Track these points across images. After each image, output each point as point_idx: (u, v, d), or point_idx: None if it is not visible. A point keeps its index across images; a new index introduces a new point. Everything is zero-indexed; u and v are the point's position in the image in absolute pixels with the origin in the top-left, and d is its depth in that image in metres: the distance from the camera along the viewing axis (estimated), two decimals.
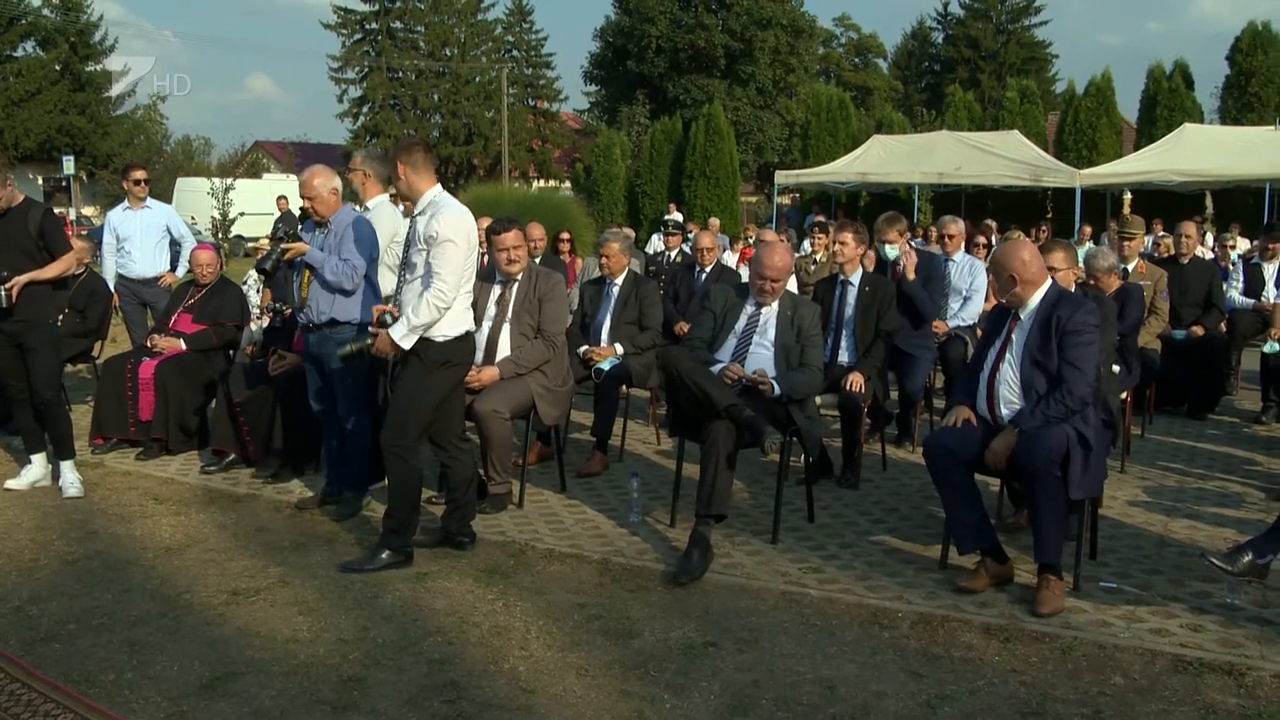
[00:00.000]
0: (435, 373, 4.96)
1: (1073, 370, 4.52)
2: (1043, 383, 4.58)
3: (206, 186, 27.46)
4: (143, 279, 8.38)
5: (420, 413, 4.97)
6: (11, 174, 6.19)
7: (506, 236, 5.98)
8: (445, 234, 4.84)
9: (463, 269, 4.93)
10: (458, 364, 5.08)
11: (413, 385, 4.99)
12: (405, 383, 5.04)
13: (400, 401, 5.03)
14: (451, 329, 4.96)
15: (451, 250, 4.84)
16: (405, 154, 5.01)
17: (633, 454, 7.11)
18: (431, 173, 5.06)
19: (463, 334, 5.04)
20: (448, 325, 4.94)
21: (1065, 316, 4.58)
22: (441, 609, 4.51)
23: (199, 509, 5.99)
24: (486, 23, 54.66)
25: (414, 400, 4.96)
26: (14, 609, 4.57)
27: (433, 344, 4.93)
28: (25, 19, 44.57)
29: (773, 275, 5.51)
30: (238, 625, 4.36)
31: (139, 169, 8.90)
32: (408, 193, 5.05)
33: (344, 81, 52.77)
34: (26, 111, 42.84)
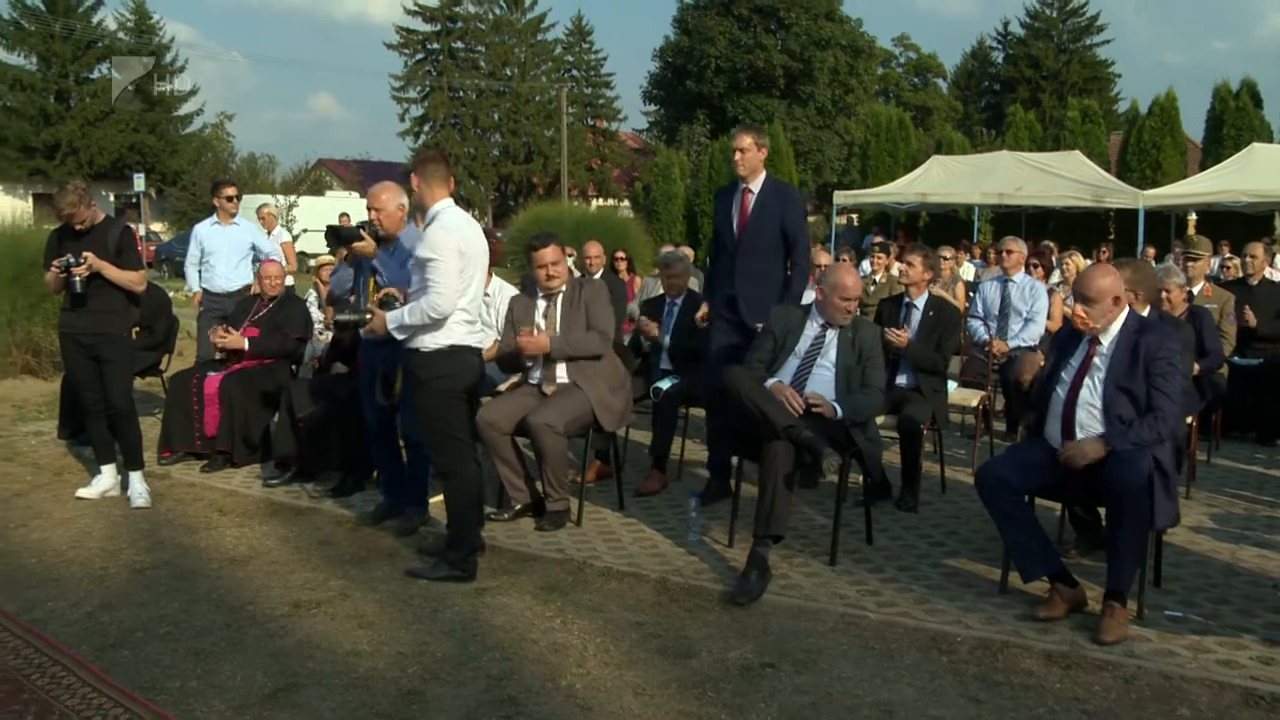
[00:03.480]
0: (430, 385, 5.03)
1: (1164, 397, 4.45)
2: (1127, 409, 4.51)
3: (271, 203, 27.95)
4: (225, 293, 8.53)
5: (444, 427, 5.05)
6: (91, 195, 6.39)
7: (545, 252, 6.03)
8: (429, 252, 4.93)
9: (457, 284, 4.97)
10: (450, 375, 5.05)
11: (421, 404, 5.09)
12: (414, 404, 5.15)
13: (421, 423, 5.13)
14: (438, 341, 5.01)
15: (439, 266, 4.91)
16: (418, 166, 5.15)
17: (691, 473, 7.11)
18: (444, 186, 5.12)
19: (450, 347, 5.03)
20: (434, 337, 5.00)
21: (1154, 344, 4.52)
22: (500, 625, 4.54)
23: (262, 521, 6.09)
24: (547, 43, 55.17)
25: (431, 417, 5.06)
26: (85, 615, 4.67)
27: (420, 355, 5.02)
28: (102, 42, 45.77)
29: (851, 296, 5.53)
30: (299, 637, 4.42)
31: (229, 185, 9.08)
32: (420, 206, 5.15)
33: (406, 100, 53.50)
34: (101, 131, 43.97)
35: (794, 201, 6.30)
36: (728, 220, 6.27)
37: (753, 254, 6.16)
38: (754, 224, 6.15)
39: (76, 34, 44.96)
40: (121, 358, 6.37)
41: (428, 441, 5.12)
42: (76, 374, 6.45)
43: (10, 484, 6.93)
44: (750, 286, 6.14)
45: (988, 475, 4.74)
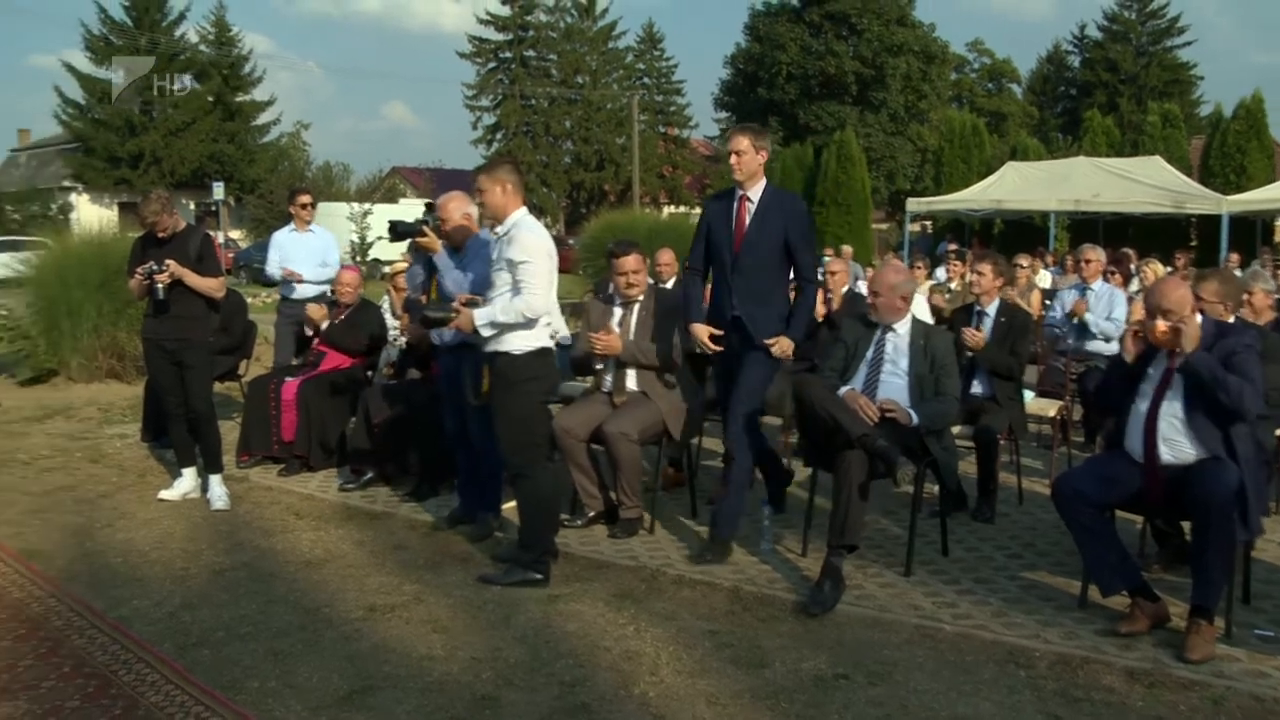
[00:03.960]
0: (519, 388, 5.08)
1: (1243, 380, 4.33)
2: (1212, 418, 4.42)
3: (346, 211, 28.41)
4: (302, 299, 8.66)
5: (522, 430, 5.10)
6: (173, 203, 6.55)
7: (626, 260, 6.06)
8: (526, 254, 5.00)
9: (548, 286, 5.10)
10: (537, 378, 5.15)
11: (503, 405, 5.13)
12: (497, 406, 5.18)
13: (501, 426, 5.16)
14: (528, 343, 5.08)
15: (532, 268, 4.99)
16: (497, 173, 5.18)
17: (764, 482, 7.07)
18: (521, 194, 5.21)
19: (539, 349, 5.13)
20: (525, 339, 5.06)
21: (1230, 342, 4.43)
22: (573, 631, 4.55)
23: (338, 525, 6.17)
24: (618, 50, 55.38)
25: (510, 420, 5.10)
26: (168, 614, 4.77)
27: (512, 358, 5.06)
28: (184, 54, 46.87)
29: (874, 289, 5.57)
30: (374, 640, 4.47)
31: (305, 194, 9.22)
32: (495, 212, 5.18)
33: (478, 109, 54.03)
34: (183, 141, 45.02)
35: (798, 213, 5.57)
36: (723, 233, 5.54)
37: (753, 271, 5.44)
38: (753, 237, 5.44)
39: (160, 47, 45.99)
40: (202, 363, 6.51)
41: (505, 443, 5.14)
42: (159, 378, 6.62)
43: (96, 485, 7.11)
44: (754, 307, 5.44)
45: (1065, 487, 4.67)
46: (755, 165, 5.45)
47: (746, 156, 5.43)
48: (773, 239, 5.43)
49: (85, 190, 46.49)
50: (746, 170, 5.44)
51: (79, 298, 11.28)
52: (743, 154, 5.42)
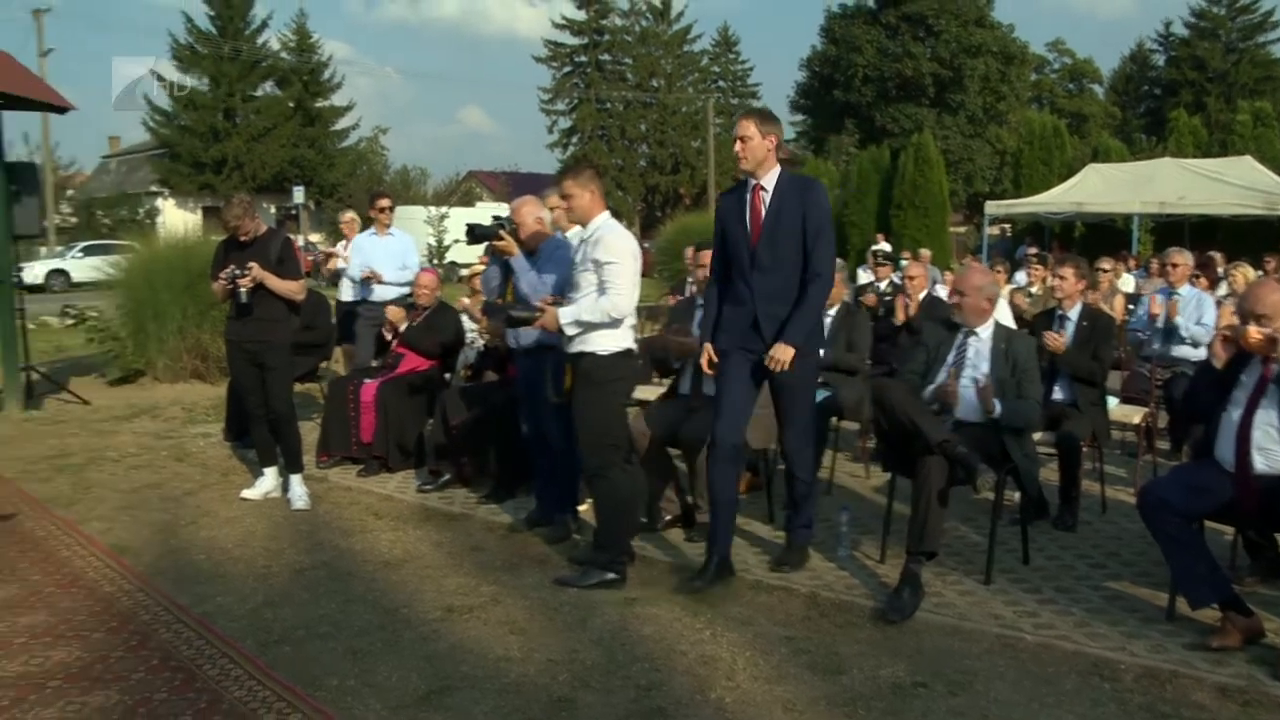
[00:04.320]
0: (604, 388, 5.10)
1: None
2: None
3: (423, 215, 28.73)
4: (381, 301, 8.75)
5: (603, 431, 5.11)
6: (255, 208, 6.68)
7: (706, 254, 6.09)
8: (612, 255, 5.03)
9: (634, 287, 5.13)
10: (623, 379, 5.20)
11: (586, 405, 5.14)
12: (579, 406, 5.18)
13: (582, 425, 5.17)
14: (614, 344, 5.10)
15: (618, 269, 5.03)
16: (583, 176, 5.23)
17: (841, 487, 7.02)
18: (604, 199, 5.27)
19: (625, 350, 5.17)
20: (611, 339, 5.09)
21: None
22: (649, 635, 4.54)
23: (416, 526, 6.23)
24: (693, 54, 55.46)
25: (592, 420, 5.12)
26: (250, 611, 4.85)
27: (597, 359, 5.08)
28: (266, 62, 47.85)
29: (960, 290, 5.49)
30: (452, 641, 4.50)
31: (384, 197, 9.34)
32: (581, 215, 5.22)
33: (554, 113, 54.43)
34: (264, 146, 45.95)
35: (816, 198, 5.07)
36: (738, 228, 5.15)
37: (773, 267, 5.03)
38: (770, 230, 5.03)
39: (243, 55, 47.07)
40: (283, 364, 6.63)
41: (585, 444, 5.17)
42: (241, 380, 6.75)
43: (181, 483, 7.26)
44: (778, 306, 5.04)
45: (1151, 496, 4.56)
46: (764, 152, 5.04)
47: (753, 143, 5.03)
48: (793, 229, 5.01)
49: (171, 195, 47.65)
50: (754, 157, 5.04)
51: (165, 300, 11.53)
52: (748, 140, 5.03)
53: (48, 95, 11.42)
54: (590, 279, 5.09)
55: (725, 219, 5.22)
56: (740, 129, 5.07)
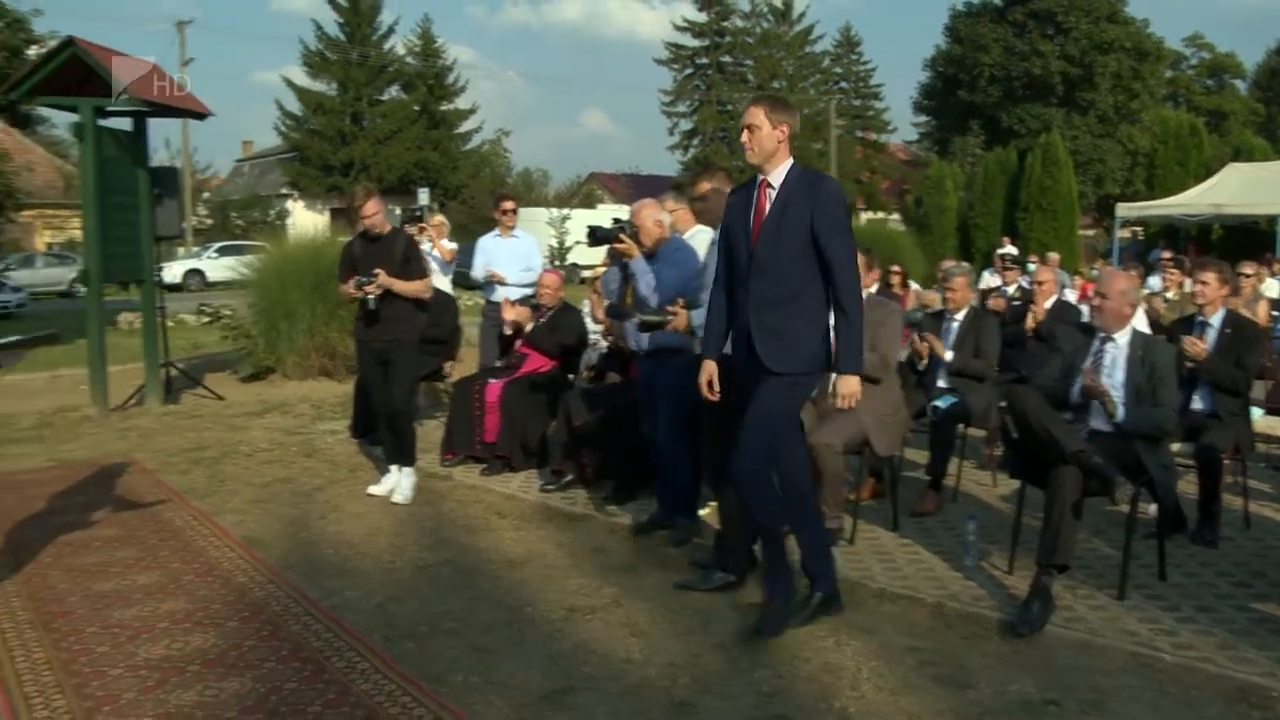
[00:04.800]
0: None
1: None
2: None
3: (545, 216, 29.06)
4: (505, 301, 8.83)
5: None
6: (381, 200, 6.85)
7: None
8: None
9: None
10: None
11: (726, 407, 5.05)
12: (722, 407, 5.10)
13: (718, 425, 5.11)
14: None
15: None
16: (714, 180, 5.21)
17: (968, 495, 6.86)
18: None
19: None
20: None
21: None
22: (772, 641, 4.49)
23: (538, 525, 6.28)
24: (815, 55, 55.01)
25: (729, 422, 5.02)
26: (376, 605, 4.94)
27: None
28: (392, 66, 48.96)
29: (1102, 294, 5.30)
30: (575, 641, 4.52)
31: (508, 199, 9.46)
32: (714, 217, 5.16)
33: (675, 115, 54.54)
34: (390, 149, 47.02)
35: (828, 195, 4.45)
36: (740, 227, 4.58)
37: (773, 271, 4.46)
38: (770, 231, 4.46)
39: (370, 60, 48.23)
40: (408, 362, 6.75)
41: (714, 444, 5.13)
42: (369, 378, 6.91)
43: (311, 478, 7.44)
44: (770, 317, 4.47)
45: None
46: (773, 143, 4.48)
47: (762, 133, 4.48)
48: (797, 231, 4.41)
49: (300, 197, 49.05)
50: (763, 149, 4.50)
51: (295, 300, 11.83)
52: (757, 129, 4.49)
53: (189, 103, 11.83)
54: None
55: (730, 217, 4.67)
56: (748, 117, 4.54)
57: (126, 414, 10.33)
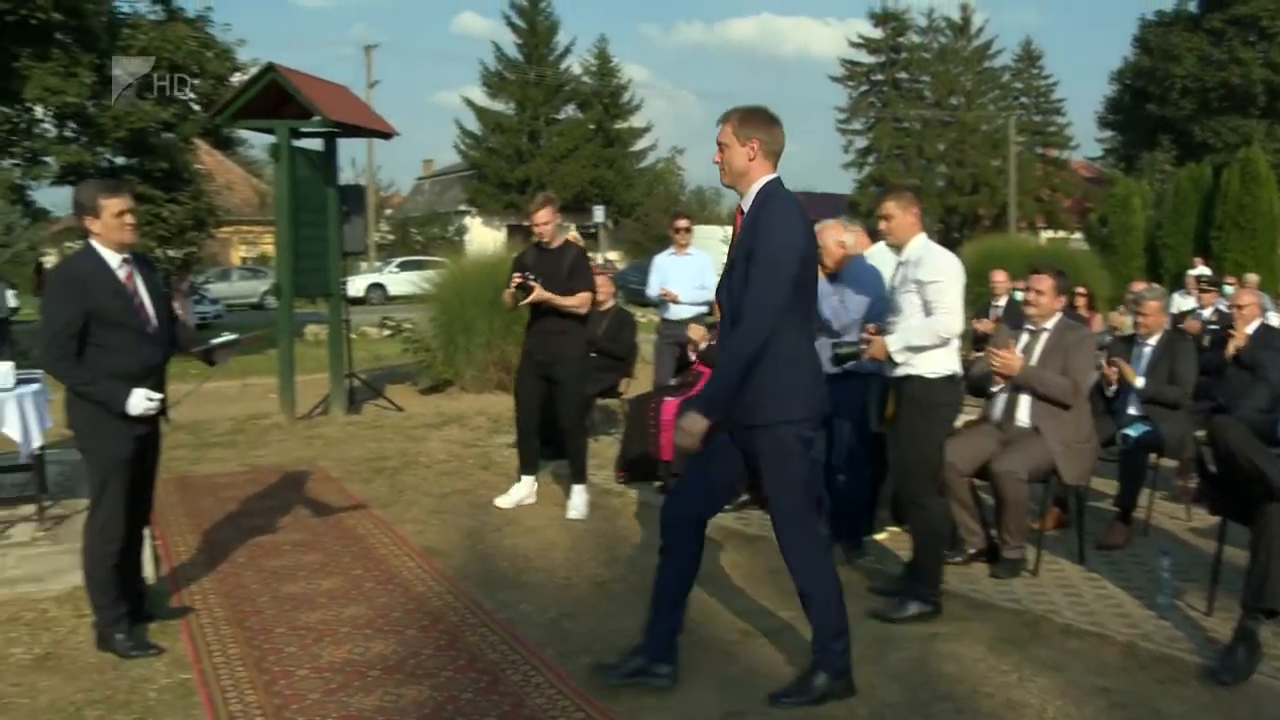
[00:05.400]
0: (930, 413, 4.95)
1: None
2: None
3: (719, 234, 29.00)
4: (680, 320, 8.85)
5: (931, 455, 4.96)
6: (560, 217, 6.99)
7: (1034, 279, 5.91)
8: (937, 274, 4.91)
9: (960, 306, 4.96)
10: (949, 404, 5.04)
11: (911, 430, 4.99)
12: (904, 430, 5.03)
13: (903, 450, 5.04)
14: (943, 367, 4.95)
15: (944, 288, 4.90)
16: (906, 197, 5.12)
17: (1159, 529, 6.52)
18: (922, 220, 5.13)
19: (951, 374, 4.99)
20: (939, 362, 4.93)
21: None
22: (952, 674, 4.36)
23: (714, 546, 6.23)
24: (994, 70, 53.63)
25: (914, 445, 4.96)
26: (551, 620, 4.99)
27: (925, 382, 4.92)
28: (568, 85, 49.93)
29: None
30: (749, 664, 4.47)
31: (683, 217, 9.50)
32: (900, 237, 5.09)
33: (850, 132, 53.86)
34: (566, 167, 47.95)
35: (766, 212, 3.99)
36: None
37: (728, 311, 4.09)
38: (730, 262, 4.12)
39: (547, 80, 49.28)
40: (573, 379, 6.81)
41: (908, 469, 5.02)
42: (520, 389, 7.04)
43: (487, 491, 7.56)
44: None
45: None
46: (743, 161, 4.05)
47: (729, 151, 4.07)
48: (743, 260, 3.99)
49: (478, 214, 50.35)
50: (732, 169, 4.09)
51: (473, 314, 12.12)
52: (725, 147, 4.08)
53: (376, 123, 12.29)
54: (913, 301, 4.97)
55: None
56: (718, 134, 4.13)
57: (312, 422, 10.74)
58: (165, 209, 18.12)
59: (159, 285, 4.88)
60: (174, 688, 4.28)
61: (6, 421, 5.91)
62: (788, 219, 3.95)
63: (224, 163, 40.63)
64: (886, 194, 5.27)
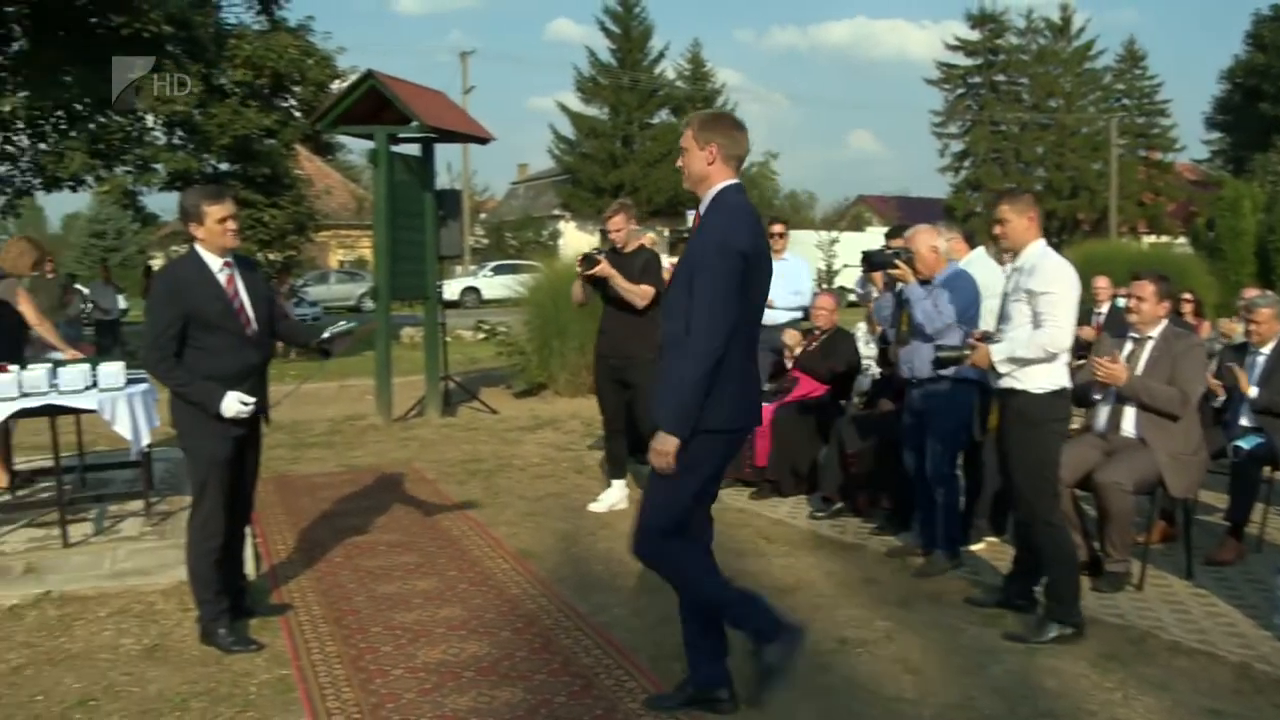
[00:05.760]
0: (1039, 429, 4.77)
1: None
2: None
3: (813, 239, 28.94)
4: (775, 325, 8.78)
5: (1047, 472, 4.78)
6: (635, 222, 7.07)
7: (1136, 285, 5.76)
8: (1049, 284, 4.72)
9: (1072, 319, 4.77)
10: (1059, 419, 4.84)
11: (1020, 450, 4.82)
12: (1013, 450, 4.87)
13: (1016, 472, 4.86)
14: (1049, 382, 4.76)
15: (1055, 300, 4.71)
16: (1023, 202, 4.93)
17: (1273, 545, 6.30)
18: (1040, 227, 4.96)
19: (1060, 389, 4.80)
20: (1046, 377, 4.75)
21: None
22: (1053, 689, 4.24)
23: (807, 553, 6.17)
24: (1095, 71, 52.51)
25: (1037, 462, 4.78)
26: (645, 625, 4.98)
27: (1031, 398, 4.75)
28: (662, 90, 50.03)
29: None
30: (844, 674, 4.40)
31: (779, 223, 9.43)
32: (1015, 242, 4.93)
33: (946, 136, 53.17)
34: (659, 171, 47.92)
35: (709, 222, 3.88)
36: None
37: (668, 309, 4.02)
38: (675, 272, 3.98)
39: (641, 84, 49.38)
40: (648, 382, 6.78)
41: (1025, 487, 4.83)
42: (600, 393, 7.15)
43: (581, 495, 7.58)
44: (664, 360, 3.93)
45: None
46: (702, 165, 3.91)
47: (688, 155, 3.95)
48: (682, 271, 3.88)
49: (572, 218, 50.61)
50: (691, 173, 3.97)
51: (567, 318, 12.16)
52: (685, 151, 3.97)
53: (472, 129, 12.43)
54: (1023, 310, 4.82)
55: None
56: (681, 140, 4.05)
57: (408, 424, 10.89)
58: (266, 213, 18.56)
59: (262, 288, 4.96)
60: (273, 683, 4.35)
61: (118, 420, 6.08)
62: (731, 224, 3.82)
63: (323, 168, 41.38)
64: (1001, 197, 5.10)
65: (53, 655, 4.69)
